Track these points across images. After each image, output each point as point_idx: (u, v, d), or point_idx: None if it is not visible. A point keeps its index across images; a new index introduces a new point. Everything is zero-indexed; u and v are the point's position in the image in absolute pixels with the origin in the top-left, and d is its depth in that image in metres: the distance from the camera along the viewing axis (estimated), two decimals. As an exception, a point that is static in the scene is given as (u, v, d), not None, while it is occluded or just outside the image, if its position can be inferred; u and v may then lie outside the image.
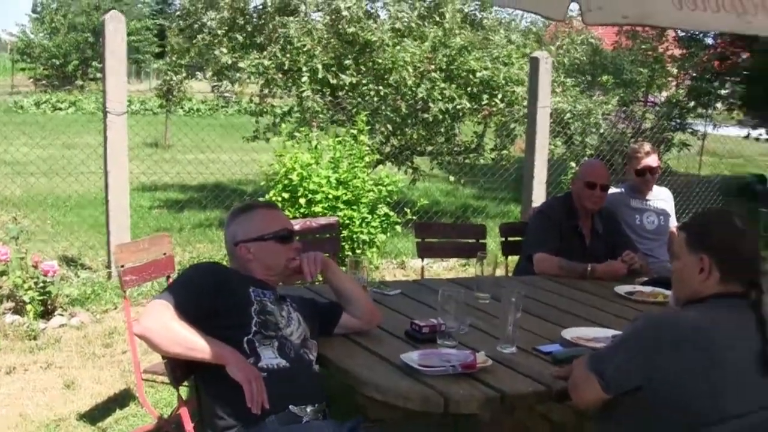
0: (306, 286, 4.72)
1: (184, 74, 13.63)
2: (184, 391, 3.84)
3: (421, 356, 3.42)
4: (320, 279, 3.93)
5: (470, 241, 6.42)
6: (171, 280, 4.96)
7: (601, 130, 14.35)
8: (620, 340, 3.05)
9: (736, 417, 2.76)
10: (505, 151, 13.29)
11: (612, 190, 6.24)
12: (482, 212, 13.30)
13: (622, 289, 5.09)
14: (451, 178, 13.34)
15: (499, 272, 6.46)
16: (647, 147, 6.65)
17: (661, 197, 6.74)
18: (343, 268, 4.29)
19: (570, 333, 3.97)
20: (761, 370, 2.86)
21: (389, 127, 12.11)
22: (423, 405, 3.13)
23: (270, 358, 3.38)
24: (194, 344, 3.23)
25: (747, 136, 22.18)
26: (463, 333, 3.85)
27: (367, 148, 8.79)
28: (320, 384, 3.49)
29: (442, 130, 12.61)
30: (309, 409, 3.33)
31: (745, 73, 19.95)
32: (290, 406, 3.29)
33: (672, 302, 3.59)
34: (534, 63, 10.18)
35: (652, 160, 6.55)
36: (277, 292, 3.68)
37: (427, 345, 3.66)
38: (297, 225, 5.73)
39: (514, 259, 6.23)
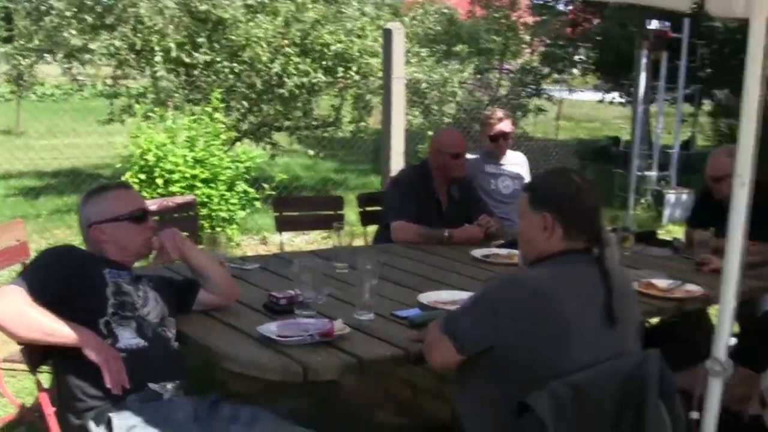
0: (166, 266, 4.69)
1: (33, 58, 13.29)
2: (47, 378, 3.79)
3: (279, 327, 3.44)
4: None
5: (328, 213, 6.44)
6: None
7: (458, 99, 14.50)
8: (471, 302, 3.13)
9: (585, 367, 2.85)
10: (362, 123, 13.34)
11: (468, 156, 6.34)
12: (343, 185, 13.36)
13: (479, 252, 5.19)
14: (310, 153, 13.35)
15: (360, 242, 6.53)
16: (499, 113, 6.78)
17: (515, 162, 6.88)
18: (203, 246, 4.28)
19: (427, 297, 4.04)
20: (607, 321, 2.98)
21: (245, 103, 12.05)
22: (282, 375, 3.16)
23: (128, 338, 3.36)
24: (51, 329, 3.19)
25: (601, 101, 22.73)
26: (321, 303, 3.88)
27: (223, 126, 8.75)
28: (179, 361, 3.48)
29: (299, 104, 12.60)
30: (169, 386, 3.33)
31: (597, 38, 20.38)
32: (149, 384, 3.28)
33: (520, 262, 3.68)
34: (387, 34, 10.19)
35: (504, 126, 6.68)
36: (133, 273, 3.65)
37: (285, 316, 3.68)
38: (154, 205, 5.68)
39: (373, 229, 6.28)
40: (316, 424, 3.35)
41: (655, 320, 5.99)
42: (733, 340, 3.53)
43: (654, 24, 12.85)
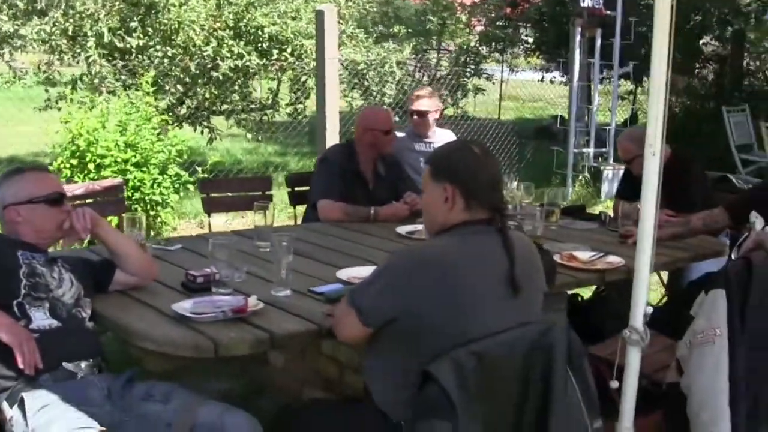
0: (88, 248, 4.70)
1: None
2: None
3: (195, 305, 3.47)
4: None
5: (257, 193, 6.46)
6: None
7: (397, 79, 14.51)
8: (375, 275, 3.16)
9: (488, 336, 2.89)
10: (300, 106, 13.33)
11: (396, 134, 6.39)
12: (284, 168, 13.35)
13: (404, 229, 5.24)
14: (248, 136, 13.33)
15: (290, 222, 6.55)
16: (423, 91, 6.87)
17: (444, 140, 6.90)
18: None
19: (346, 273, 4.09)
20: (510, 290, 3.03)
21: (180, 88, 11.99)
22: (194, 351, 3.19)
23: (41, 319, 3.37)
24: None
25: (542, 80, 22.84)
26: (240, 281, 3.92)
27: (154, 110, 8.72)
28: (94, 340, 3.50)
29: (237, 88, 12.57)
30: (83, 364, 3.35)
31: (536, 18, 20.46)
32: (63, 364, 3.30)
33: (425, 235, 3.73)
34: (319, 16, 10.19)
35: (427, 103, 6.74)
36: (48, 255, 3.66)
37: (202, 294, 3.71)
38: (80, 189, 5.68)
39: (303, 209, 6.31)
40: (248, 404, 3.39)
41: (588, 294, 6.11)
42: (650, 309, 3.61)
43: (588, 1, 12.95)
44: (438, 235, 3.20)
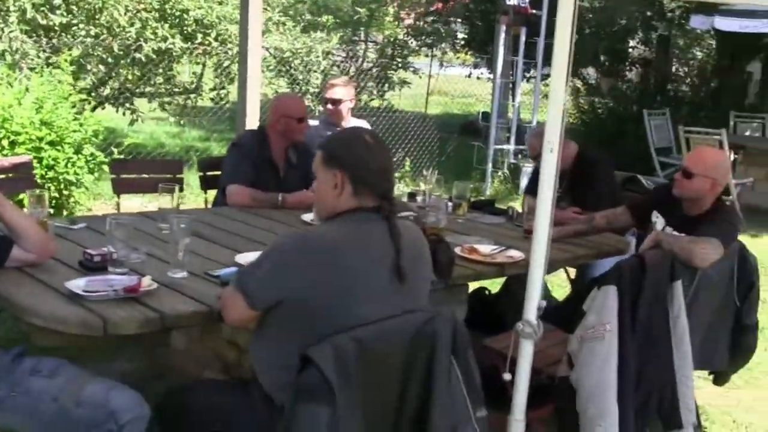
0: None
1: None
2: None
3: (88, 283, 3.47)
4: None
5: (167, 176, 6.45)
6: None
7: (322, 68, 14.52)
8: (261, 258, 3.19)
9: (371, 323, 2.95)
10: (224, 91, 13.30)
11: (310, 122, 6.43)
12: (207, 153, 13.29)
13: (308, 216, 5.27)
14: (171, 120, 13.27)
15: (201, 206, 6.56)
16: (338, 80, 6.95)
17: (358, 130, 6.98)
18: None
19: (244, 257, 4.12)
20: (395, 279, 3.09)
21: (102, 68, 11.90)
22: (82, 329, 3.20)
23: (-69, 294, 3.37)
24: None
25: (469, 75, 23.00)
26: (139, 261, 3.94)
27: (71, 87, 8.66)
28: (-15, 315, 3.51)
29: (160, 70, 12.50)
30: (-29, 340, 3.35)
31: (467, 14, 20.57)
32: (-48, 338, 3.31)
33: (315, 220, 3.78)
34: (243, 1, 10.17)
35: (341, 92, 6.80)
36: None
37: (98, 273, 3.72)
38: (-12, 165, 5.64)
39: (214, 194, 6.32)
40: (146, 385, 3.40)
41: (497, 288, 6.20)
42: (544, 303, 3.70)
43: (514, 0, 13.08)
44: (327, 221, 3.25)
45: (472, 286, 5.83)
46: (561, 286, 7.29)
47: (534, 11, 13.15)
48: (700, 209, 4.88)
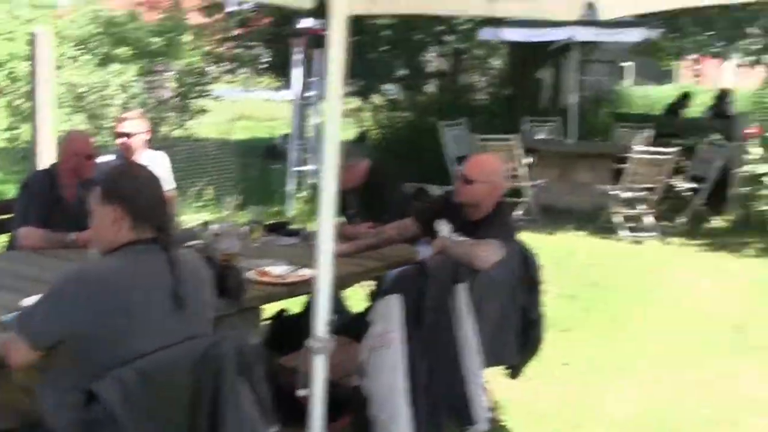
0: None
1: None
2: None
3: None
4: None
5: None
6: None
7: (120, 102, 14.29)
8: (43, 296, 3.19)
9: (154, 352, 2.97)
10: (18, 131, 12.98)
11: (106, 158, 6.39)
12: (2, 195, 12.91)
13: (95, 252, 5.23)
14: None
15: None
16: (130, 113, 6.97)
17: (153, 163, 6.92)
18: None
19: (29, 300, 4.04)
20: (175, 306, 3.13)
21: None
22: None
23: None
24: None
25: (268, 99, 23.07)
26: None
27: None
28: None
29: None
30: None
31: (269, 37, 20.58)
32: None
33: (96, 256, 3.76)
34: (33, 38, 10.00)
35: (130, 125, 6.81)
36: None
37: None
38: None
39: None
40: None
41: (298, 308, 6.25)
42: (334, 317, 3.78)
43: (308, 22, 13.18)
44: (107, 255, 3.25)
45: (275, 308, 5.90)
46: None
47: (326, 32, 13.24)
48: (480, 213, 5.09)
